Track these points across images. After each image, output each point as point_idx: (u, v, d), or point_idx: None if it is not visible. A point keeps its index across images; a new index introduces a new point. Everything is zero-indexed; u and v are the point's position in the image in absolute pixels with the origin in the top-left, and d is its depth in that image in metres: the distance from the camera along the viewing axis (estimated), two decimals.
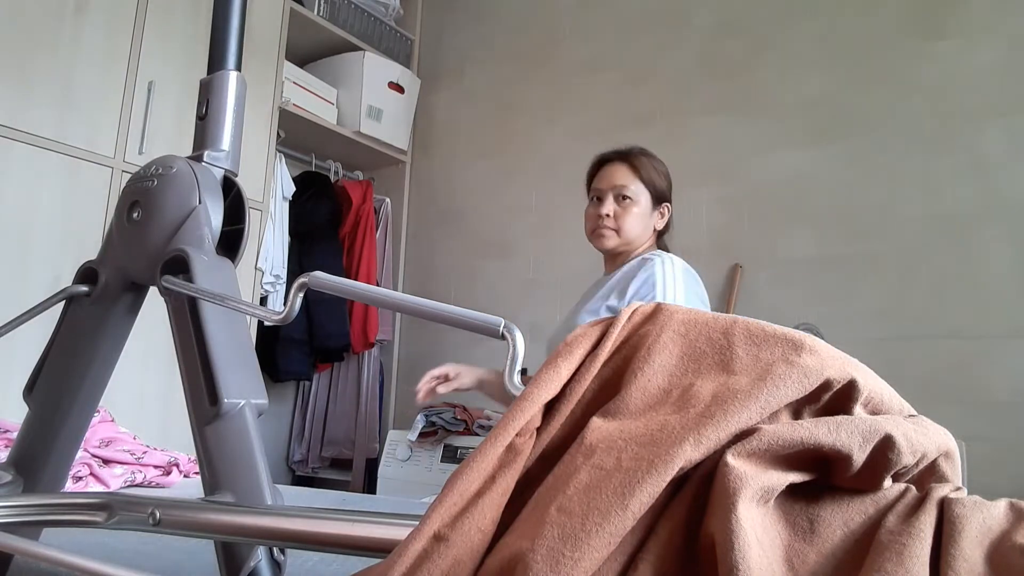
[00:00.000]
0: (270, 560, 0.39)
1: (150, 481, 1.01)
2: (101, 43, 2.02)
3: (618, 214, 1.57)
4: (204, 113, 0.55)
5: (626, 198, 1.57)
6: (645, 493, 0.27)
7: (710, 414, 0.29)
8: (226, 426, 0.43)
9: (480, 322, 0.37)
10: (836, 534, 0.29)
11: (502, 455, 0.31)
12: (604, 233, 1.58)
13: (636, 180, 1.58)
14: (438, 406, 2.43)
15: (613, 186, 1.58)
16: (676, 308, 0.36)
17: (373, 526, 0.35)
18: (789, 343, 0.32)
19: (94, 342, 0.53)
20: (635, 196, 1.57)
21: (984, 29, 1.92)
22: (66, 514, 0.44)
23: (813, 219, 2.12)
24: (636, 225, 1.58)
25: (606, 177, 1.61)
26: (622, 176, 1.59)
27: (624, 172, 1.59)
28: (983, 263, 1.85)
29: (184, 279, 0.46)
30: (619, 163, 1.61)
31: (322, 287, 0.40)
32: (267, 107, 2.48)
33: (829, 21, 2.17)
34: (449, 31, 3.16)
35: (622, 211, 1.57)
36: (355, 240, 2.93)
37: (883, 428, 0.29)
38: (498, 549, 0.29)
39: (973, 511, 0.28)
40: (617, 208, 1.58)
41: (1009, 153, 1.85)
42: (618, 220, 1.57)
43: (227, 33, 0.56)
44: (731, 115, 2.30)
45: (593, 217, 1.61)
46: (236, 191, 0.54)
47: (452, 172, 3.00)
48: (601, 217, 1.57)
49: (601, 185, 1.61)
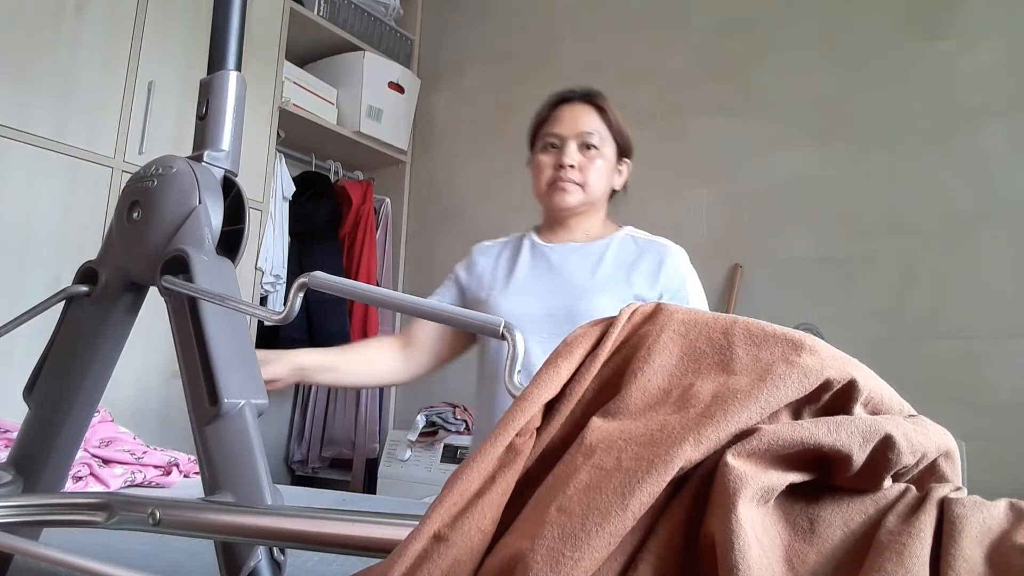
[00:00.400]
0: (270, 560, 0.39)
1: (150, 481, 1.02)
2: (101, 43, 2.02)
3: (583, 165, 1.29)
4: (204, 113, 0.55)
5: (591, 147, 1.29)
6: (645, 493, 0.27)
7: (710, 414, 0.29)
8: (226, 426, 0.43)
9: (480, 322, 0.37)
10: (836, 534, 0.29)
11: (502, 455, 0.31)
12: (567, 187, 1.29)
13: (604, 127, 1.31)
14: (438, 406, 2.43)
15: (578, 132, 1.29)
16: (676, 308, 0.36)
17: (373, 526, 0.35)
18: (789, 343, 0.32)
19: (94, 342, 0.53)
20: (601, 146, 1.30)
21: (984, 29, 1.92)
22: (66, 514, 0.44)
23: (813, 219, 2.12)
24: (602, 181, 1.31)
25: (568, 120, 1.31)
26: (589, 120, 1.30)
27: (591, 116, 1.31)
28: (983, 263, 1.85)
29: (184, 279, 0.46)
30: (584, 105, 1.32)
31: (322, 287, 0.40)
32: (267, 107, 2.48)
33: (829, 21, 2.17)
34: (449, 31, 3.16)
35: (588, 163, 1.29)
36: (355, 240, 2.93)
37: (883, 428, 0.29)
38: (498, 549, 0.29)
39: (973, 511, 0.28)
40: (582, 159, 1.29)
41: (1009, 153, 1.85)
42: (584, 173, 1.29)
43: (227, 33, 0.56)
44: (731, 115, 2.30)
45: (551, 167, 1.30)
46: (236, 191, 0.54)
47: (452, 172, 3.00)
48: (564, 168, 1.28)
49: (561, 130, 1.31)
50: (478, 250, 1.44)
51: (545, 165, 1.32)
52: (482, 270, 1.39)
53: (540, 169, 1.33)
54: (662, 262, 1.28)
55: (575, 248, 1.33)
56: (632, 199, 1.44)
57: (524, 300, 1.29)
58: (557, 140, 1.31)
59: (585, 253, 1.32)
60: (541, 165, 1.33)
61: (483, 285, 1.37)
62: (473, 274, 1.40)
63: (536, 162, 1.35)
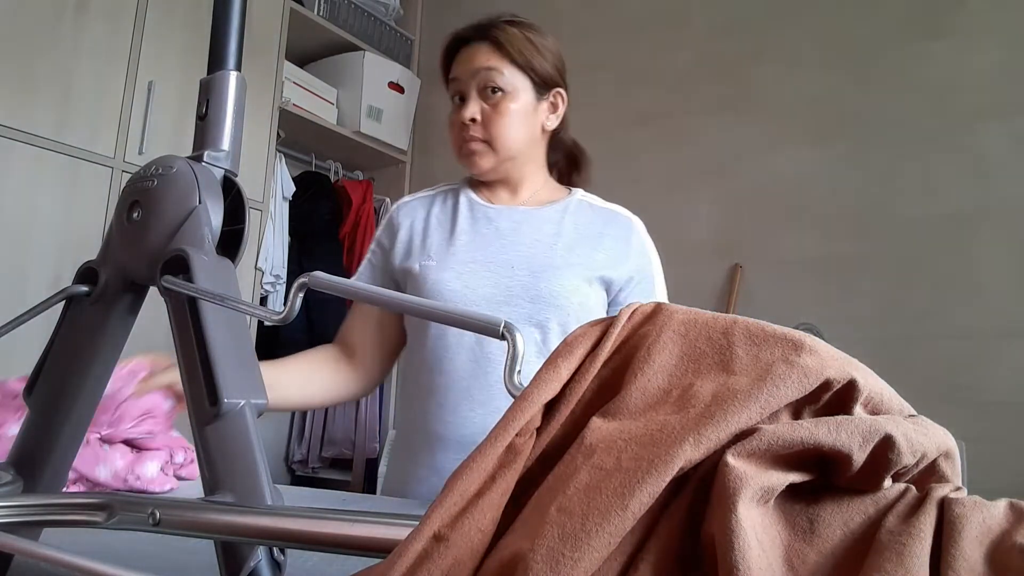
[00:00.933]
0: (270, 560, 0.39)
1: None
2: (101, 43, 2.02)
3: (488, 117, 1.09)
4: (204, 113, 0.55)
5: (496, 91, 1.08)
6: (645, 493, 0.27)
7: (710, 414, 0.29)
8: (226, 426, 0.43)
9: (480, 321, 0.37)
10: (836, 534, 0.29)
11: (502, 455, 0.31)
12: (475, 149, 1.10)
13: (506, 62, 1.09)
14: None
15: (474, 73, 1.09)
16: (676, 308, 0.36)
17: (373, 526, 0.35)
18: (789, 343, 0.32)
19: (94, 342, 0.53)
20: (508, 86, 1.08)
21: (984, 29, 1.92)
22: (66, 514, 0.44)
23: (813, 219, 2.12)
24: (517, 130, 1.10)
25: (463, 63, 1.11)
26: (485, 57, 1.09)
27: (487, 52, 1.10)
28: (983, 263, 1.85)
29: (184, 279, 0.46)
30: (479, 43, 1.11)
31: (322, 287, 0.40)
32: (267, 107, 2.48)
33: (829, 21, 2.17)
34: (449, 31, 3.15)
35: (492, 113, 1.09)
36: (355, 240, 2.93)
37: (883, 428, 0.29)
38: (498, 549, 0.29)
39: (973, 511, 0.28)
40: (486, 108, 1.09)
41: (1009, 153, 1.85)
42: (488, 127, 1.09)
43: (227, 33, 0.56)
44: (731, 115, 2.30)
45: (456, 127, 1.12)
46: (236, 191, 0.54)
47: (452, 172, 3.00)
48: (466, 127, 1.09)
49: (459, 74, 1.11)
50: (400, 210, 1.21)
51: (453, 125, 1.13)
52: (409, 234, 1.16)
53: (450, 132, 1.14)
54: (628, 238, 1.14)
55: (525, 213, 1.15)
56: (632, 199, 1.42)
57: (471, 276, 1.08)
58: (458, 89, 1.11)
59: (538, 220, 1.13)
60: (451, 127, 1.14)
61: (412, 252, 1.14)
62: (399, 239, 1.16)
63: (449, 120, 1.15)
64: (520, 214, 1.15)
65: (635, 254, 1.13)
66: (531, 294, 1.07)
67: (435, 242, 1.13)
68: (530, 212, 1.15)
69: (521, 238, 1.12)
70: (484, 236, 1.13)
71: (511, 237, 1.12)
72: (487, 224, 1.14)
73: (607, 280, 1.11)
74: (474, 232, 1.13)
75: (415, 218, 1.18)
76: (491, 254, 1.10)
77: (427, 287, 1.09)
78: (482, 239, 1.12)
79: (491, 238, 1.12)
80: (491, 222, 1.14)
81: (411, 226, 1.17)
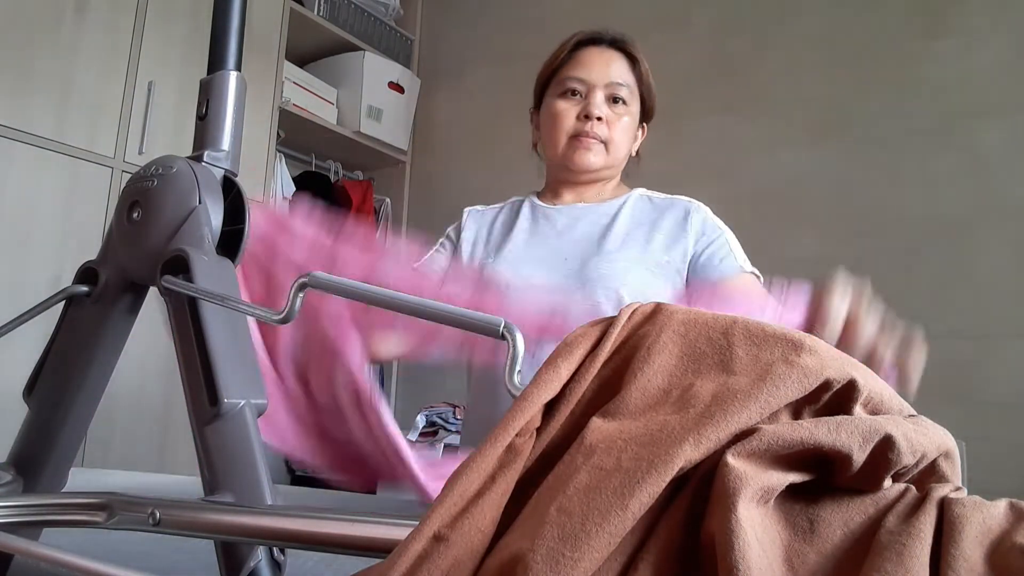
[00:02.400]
0: (270, 560, 0.39)
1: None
2: (101, 43, 2.02)
3: (610, 120, 1.09)
4: (204, 113, 0.55)
5: (619, 101, 1.09)
6: (645, 493, 0.27)
7: (710, 414, 0.29)
8: (226, 426, 0.43)
9: (480, 322, 0.37)
10: (836, 534, 0.29)
11: (502, 455, 0.31)
12: (591, 145, 1.08)
13: (635, 81, 1.12)
14: (438, 406, 2.43)
15: (608, 82, 1.09)
16: (676, 308, 0.36)
17: (373, 526, 0.35)
18: (789, 343, 0.32)
19: (94, 342, 0.53)
20: (630, 102, 1.11)
21: (985, 29, 1.92)
22: (66, 514, 0.44)
23: (813, 219, 2.12)
24: (626, 142, 1.13)
25: (596, 66, 1.10)
26: (619, 70, 1.11)
27: (622, 66, 1.11)
28: (983, 263, 1.85)
29: (184, 279, 0.46)
30: (614, 52, 1.12)
31: (322, 287, 0.40)
32: (267, 107, 2.48)
33: (829, 21, 2.17)
34: (449, 31, 3.16)
35: (615, 118, 1.09)
36: None
37: (883, 428, 0.29)
38: (498, 549, 0.29)
39: (973, 511, 0.28)
40: (608, 112, 1.09)
41: (1009, 153, 1.85)
42: (610, 128, 1.09)
43: (227, 33, 0.56)
44: (731, 115, 2.29)
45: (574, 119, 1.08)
46: (236, 191, 0.54)
47: (452, 172, 3.00)
48: (590, 119, 1.07)
49: (589, 75, 1.09)
50: (469, 214, 1.24)
51: (565, 113, 1.08)
52: (474, 236, 1.19)
53: (558, 118, 1.09)
54: (687, 216, 1.11)
55: (583, 209, 1.14)
56: None
57: (524, 267, 1.09)
58: (581, 86, 1.09)
59: (596, 214, 1.13)
60: (559, 113, 1.09)
61: (476, 252, 1.17)
62: (464, 238, 1.19)
63: (552, 109, 1.10)
64: (579, 211, 1.15)
65: (695, 228, 1.11)
66: (580, 279, 1.05)
67: (495, 242, 1.17)
68: (588, 208, 1.15)
69: (576, 232, 1.12)
70: (542, 234, 1.14)
71: (567, 233, 1.13)
72: (546, 223, 1.15)
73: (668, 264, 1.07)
74: (533, 231, 1.15)
75: (481, 224, 1.21)
76: (547, 249, 1.11)
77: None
78: (540, 237, 1.14)
79: (548, 236, 1.13)
80: (549, 221, 1.15)
81: (477, 230, 1.20)
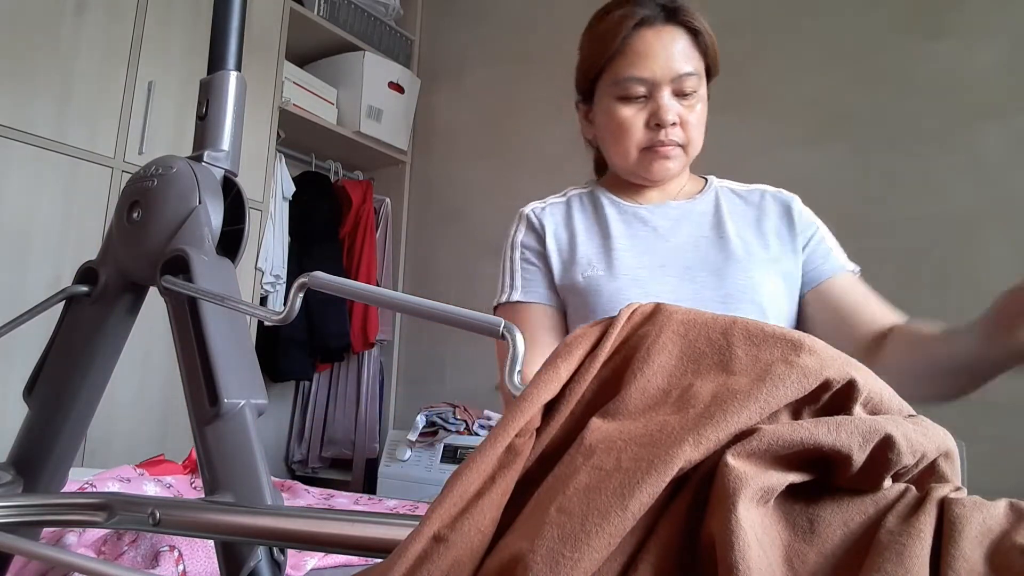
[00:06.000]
0: (270, 560, 0.39)
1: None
2: (101, 43, 2.02)
3: (684, 120, 0.96)
4: (204, 113, 0.55)
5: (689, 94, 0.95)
6: (645, 494, 0.27)
7: (709, 414, 0.29)
8: (226, 426, 0.43)
9: (480, 322, 0.37)
10: (836, 534, 0.29)
11: (502, 456, 0.31)
12: (669, 154, 0.96)
13: (700, 56, 0.97)
14: (438, 406, 2.43)
15: (675, 75, 0.93)
16: (675, 308, 0.36)
17: (373, 526, 0.35)
18: (788, 343, 0.32)
19: (94, 342, 0.53)
20: (699, 87, 0.97)
21: (984, 29, 1.92)
22: (66, 514, 0.44)
23: None
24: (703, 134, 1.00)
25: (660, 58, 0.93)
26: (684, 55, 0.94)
27: (685, 46, 0.95)
28: (983, 263, 1.85)
29: (184, 279, 0.46)
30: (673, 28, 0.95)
31: (322, 287, 0.40)
32: (267, 107, 2.48)
33: (829, 21, 2.17)
34: (449, 31, 3.16)
35: (688, 114, 0.96)
36: (355, 240, 2.93)
37: (883, 428, 0.29)
38: (498, 550, 0.29)
39: (973, 511, 0.28)
40: (681, 110, 0.95)
41: (1009, 153, 1.85)
42: (686, 129, 0.96)
43: (227, 33, 0.56)
44: (731, 114, 2.29)
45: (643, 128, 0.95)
46: (236, 191, 0.54)
47: (452, 172, 3.00)
48: (664, 130, 0.94)
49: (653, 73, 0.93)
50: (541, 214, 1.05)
51: (631, 123, 0.95)
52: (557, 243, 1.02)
53: (624, 129, 0.95)
54: (789, 211, 1.02)
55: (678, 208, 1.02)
56: None
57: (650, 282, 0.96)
58: (644, 87, 0.94)
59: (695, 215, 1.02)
60: (625, 123, 0.95)
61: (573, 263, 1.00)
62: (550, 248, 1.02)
63: (615, 117, 0.96)
64: (674, 210, 1.02)
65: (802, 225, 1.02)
66: (720, 294, 0.95)
67: (591, 251, 1.00)
68: (682, 207, 1.03)
69: (683, 237, 0.99)
70: (643, 239, 1.00)
71: (673, 238, 0.99)
72: (642, 226, 1.01)
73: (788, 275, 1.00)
74: (631, 236, 1.00)
75: (558, 224, 1.04)
76: (659, 258, 0.98)
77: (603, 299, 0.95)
78: (642, 243, 0.99)
79: (651, 240, 0.99)
80: (645, 223, 1.01)
81: (555, 233, 1.03)
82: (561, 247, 1.02)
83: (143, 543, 0.59)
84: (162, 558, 0.57)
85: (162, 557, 0.57)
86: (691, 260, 0.97)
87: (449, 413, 2.34)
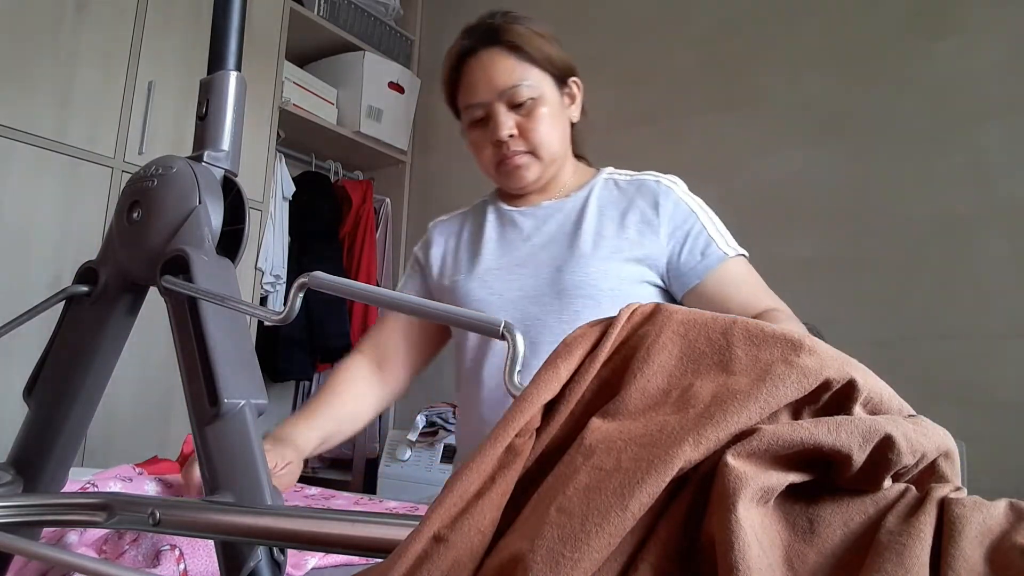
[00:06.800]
0: (270, 560, 0.39)
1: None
2: (101, 43, 2.02)
3: (524, 128, 1.03)
4: (204, 113, 0.55)
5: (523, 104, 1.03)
6: (645, 494, 0.27)
7: (709, 414, 0.29)
8: (226, 426, 0.43)
9: (480, 322, 0.37)
10: (836, 534, 0.29)
11: (502, 456, 0.31)
12: (519, 162, 1.04)
13: (527, 67, 1.03)
14: (438, 406, 2.43)
15: (499, 92, 1.02)
16: (675, 308, 0.36)
17: (373, 526, 0.35)
18: (788, 343, 0.32)
19: (94, 342, 0.53)
20: (536, 93, 1.03)
21: (984, 29, 1.92)
22: (66, 514, 0.44)
23: (813, 219, 2.12)
24: (555, 132, 1.05)
25: (482, 82, 1.03)
26: (505, 72, 1.02)
27: (507, 65, 1.02)
28: (983, 263, 1.85)
29: (184, 279, 0.46)
30: (493, 51, 1.03)
31: (322, 287, 0.40)
32: (267, 107, 2.48)
33: (829, 21, 2.17)
34: (449, 31, 3.15)
35: (528, 122, 1.03)
36: (355, 240, 2.93)
37: (883, 428, 0.29)
38: (497, 550, 0.29)
39: (973, 511, 0.28)
40: (520, 119, 1.03)
41: (1009, 153, 1.85)
42: (528, 136, 1.03)
43: (227, 33, 0.56)
44: (731, 115, 2.29)
45: (491, 147, 1.05)
46: (236, 191, 0.54)
47: (452, 172, 3.00)
48: (504, 144, 1.03)
49: (480, 96, 1.03)
50: (434, 228, 1.21)
51: (481, 145, 1.07)
52: (443, 251, 1.16)
53: (477, 151, 1.09)
54: (656, 201, 1.06)
55: (549, 208, 1.10)
56: None
57: (496, 281, 1.06)
58: (481, 111, 1.04)
59: (562, 213, 1.09)
60: (476, 145, 1.08)
61: (445, 270, 1.14)
62: (432, 256, 1.17)
63: (471, 142, 1.09)
64: (544, 210, 1.11)
65: (667, 218, 1.05)
66: (556, 289, 1.02)
67: (464, 256, 1.13)
68: (554, 206, 1.10)
69: (544, 236, 1.08)
70: (511, 241, 1.11)
71: (536, 237, 1.09)
72: (512, 228, 1.12)
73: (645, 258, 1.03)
74: (501, 239, 1.12)
75: (448, 236, 1.18)
76: (517, 257, 1.08)
77: (458, 298, 1.08)
78: (508, 244, 1.10)
79: (517, 242, 1.10)
80: (516, 226, 1.12)
81: (444, 243, 1.18)
82: (446, 256, 1.16)
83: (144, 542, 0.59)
84: (163, 557, 0.57)
85: (163, 556, 0.57)
86: (543, 257, 1.06)
87: (449, 413, 2.34)
